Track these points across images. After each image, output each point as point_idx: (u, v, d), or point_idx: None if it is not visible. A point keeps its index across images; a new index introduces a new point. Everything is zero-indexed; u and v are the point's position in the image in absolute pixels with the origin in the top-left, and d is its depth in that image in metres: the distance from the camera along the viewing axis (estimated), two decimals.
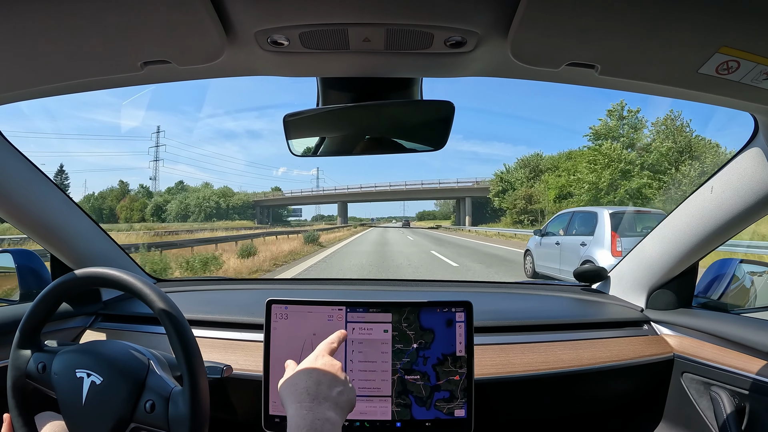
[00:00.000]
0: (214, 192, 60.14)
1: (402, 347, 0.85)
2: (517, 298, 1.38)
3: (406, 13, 0.52)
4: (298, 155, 0.84)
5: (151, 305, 0.68)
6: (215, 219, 52.79)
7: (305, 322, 0.86)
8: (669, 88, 0.63)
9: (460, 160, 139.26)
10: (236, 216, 56.64)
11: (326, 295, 1.26)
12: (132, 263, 1.36)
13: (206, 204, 57.43)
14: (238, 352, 1.00)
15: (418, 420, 0.84)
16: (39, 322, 0.76)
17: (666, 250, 1.08)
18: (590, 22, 0.50)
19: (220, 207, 57.64)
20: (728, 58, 0.53)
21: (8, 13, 0.48)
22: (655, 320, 1.13)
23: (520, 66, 0.60)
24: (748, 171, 0.83)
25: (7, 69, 0.61)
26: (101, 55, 0.58)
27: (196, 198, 58.21)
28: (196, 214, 56.10)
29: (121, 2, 0.48)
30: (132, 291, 0.69)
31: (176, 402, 0.65)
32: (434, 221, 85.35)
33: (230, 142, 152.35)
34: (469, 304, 0.86)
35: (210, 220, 51.97)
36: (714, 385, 0.96)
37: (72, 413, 0.69)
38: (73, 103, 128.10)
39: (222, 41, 0.55)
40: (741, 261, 1.17)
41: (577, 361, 0.99)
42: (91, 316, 1.18)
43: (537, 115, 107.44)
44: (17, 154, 0.93)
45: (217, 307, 1.18)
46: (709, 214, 0.94)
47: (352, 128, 0.82)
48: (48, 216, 1.04)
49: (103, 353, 0.72)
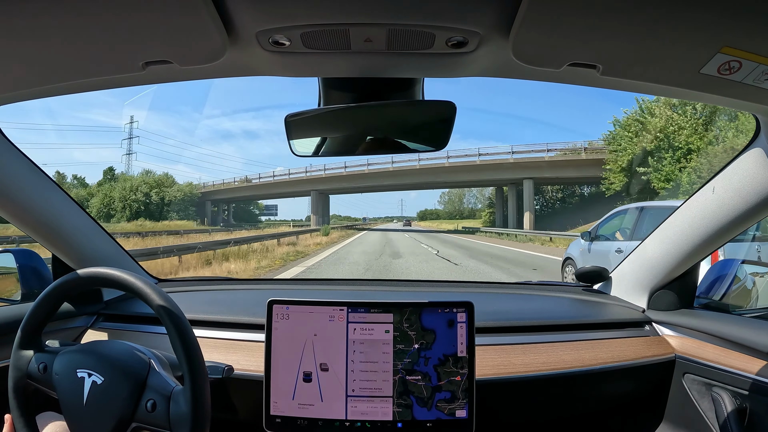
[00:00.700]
0: (146, 181, 42.43)
1: (403, 348, 0.85)
2: (518, 298, 1.38)
3: (407, 13, 0.52)
4: (299, 155, 0.84)
5: (152, 305, 0.68)
6: (144, 218, 37.11)
7: (306, 323, 0.86)
8: (671, 89, 0.63)
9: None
10: (174, 215, 40.02)
11: (327, 296, 1.26)
12: (133, 263, 1.36)
13: (133, 197, 40.58)
14: (239, 352, 1.00)
15: (420, 420, 0.84)
16: (40, 322, 0.76)
17: (668, 250, 1.07)
18: (592, 23, 0.50)
19: (151, 202, 40.55)
20: (730, 58, 0.53)
21: (10, 14, 0.48)
22: (657, 321, 1.13)
23: (522, 66, 0.60)
24: (750, 171, 0.83)
25: (10, 69, 0.61)
26: (103, 56, 0.58)
27: (122, 190, 41.69)
28: (120, 212, 40.35)
29: (123, 2, 0.48)
30: (133, 291, 0.69)
31: (177, 401, 0.65)
32: (438, 221, 76.46)
33: (227, 141, 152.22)
34: (470, 304, 0.86)
35: (136, 218, 36.73)
36: (716, 386, 0.96)
37: (73, 413, 0.69)
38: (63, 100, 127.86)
39: (223, 41, 0.55)
40: (743, 262, 1.17)
41: (579, 362, 0.99)
42: (93, 316, 1.18)
43: (535, 114, 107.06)
44: (19, 154, 0.93)
45: (218, 307, 1.18)
46: (711, 215, 0.94)
47: (353, 128, 0.82)
48: (49, 216, 1.04)
49: (105, 353, 0.72)
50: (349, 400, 0.84)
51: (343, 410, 0.84)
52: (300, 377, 0.85)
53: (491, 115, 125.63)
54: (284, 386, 0.85)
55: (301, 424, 0.84)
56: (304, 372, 0.85)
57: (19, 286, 1.15)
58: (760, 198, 0.84)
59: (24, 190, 0.96)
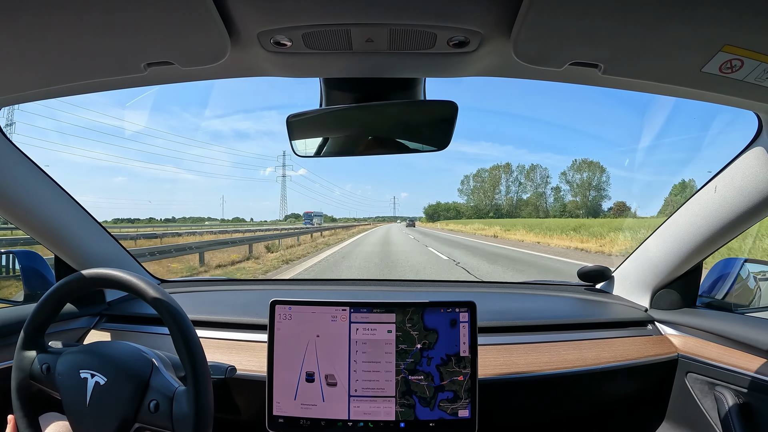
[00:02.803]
0: None
1: (406, 347, 0.85)
2: (520, 298, 1.37)
3: (408, 13, 0.52)
4: (301, 156, 0.84)
5: (154, 306, 0.68)
6: None
7: (309, 323, 0.86)
8: (672, 87, 0.63)
9: (447, 160, 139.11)
10: None
11: (330, 296, 1.26)
12: (136, 264, 1.36)
13: None
14: (242, 352, 1.00)
15: (422, 420, 0.83)
16: (43, 323, 0.76)
17: (670, 249, 1.07)
18: (593, 22, 0.50)
19: None
20: (731, 56, 0.53)
21: (12, 17, 0.49)
22: (659, 320, 1.13)
23: (523, 66, 0.60)
24: (752, 170, 0.83)
25: (12, 71, 0.61)
26: (105, 57, 0.59)
27: None
28: None
29: (125, 4, 0.48)
30: (135, 292, 0.69)
31: (180, 402, 0.65)
32: (458, 222, 45.00)
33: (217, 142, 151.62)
34: (472, 304, 0.86)
35: None
36: (718, 385, 0.96)
37: (76, 414, 0.69)
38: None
39: (225, 42, 0.55)
40: (745, 260, 1.17)
41: (582, 361, 0.99)
42: (96, 316, 1.18)
43: (526, 112, 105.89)
44: (21, 156, 0.94)
45: (220, 307, 1.18)
46: (713, 214, 0.93)
47: (355, 128, 0.82)
48: (52, 218, 1.05)
49: (107, 354, 0.72)
50: (351, 400, 0.84)
51: (346, 410, 0.84)
52: (302, 377, 0.85)
53: (479, 112, 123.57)
54: (287, 386, 0.85)
55: (304, 425, 0.84)
56: (307, 372, 0.85)
57: (21, 288, 1.15)
58: (763, 196, 0.83)
59: (26, 191, 0.97)
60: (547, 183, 57.20)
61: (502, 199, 59.45)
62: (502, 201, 59.34)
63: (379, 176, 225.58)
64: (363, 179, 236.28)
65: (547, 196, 55.82)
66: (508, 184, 61.07)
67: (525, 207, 56.83)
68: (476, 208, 61.13)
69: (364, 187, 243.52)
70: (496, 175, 60.13)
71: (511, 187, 60.67)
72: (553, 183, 58.82)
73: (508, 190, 60.37)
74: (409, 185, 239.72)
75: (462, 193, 65.69)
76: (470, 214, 59.93)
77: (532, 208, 53.85)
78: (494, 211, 58.42)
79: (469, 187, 64.31)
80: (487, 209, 58.61)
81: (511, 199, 58.98)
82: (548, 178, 57.83)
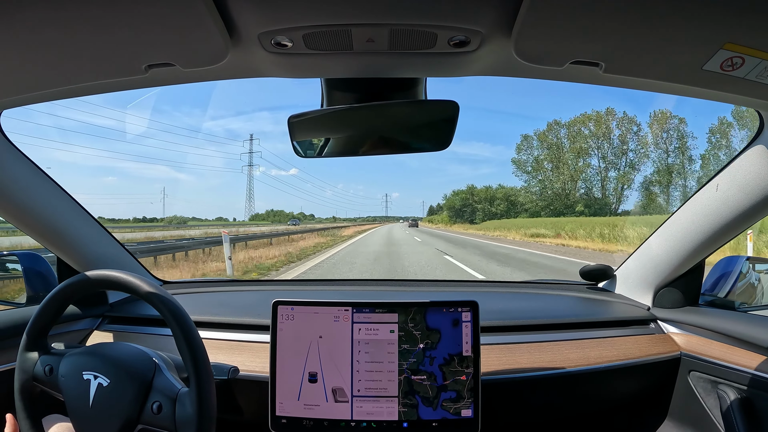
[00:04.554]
0: None
1: (408, 347, 0.85)
2: (523, 297, 1.37)
3: (409, 13, 0.52)
4: (303, 156, 0.84)
5: (157, 307, 0.68)
6: None
7: (311, 323, 0.86)
8: (673, 85, 0.63)
9: (440, 160, 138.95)
10: None
11: (332, 296, 1.26)
12: (138, 266, 1.36)
13: None
14: (244, 353, 1.00)
15: (425, 420, 0.83)
16: (46, 324, 0.76)
17: (672, 248, 1.07)
18: (594, 20, 0.50)
19: None
20: (733, 54, 0.53)
21: (13, 19, 0.49)
22: (662, 319, 1.13)
23: (524, 65, 0.60)
24: (755, 167, 0.83)
25: (13, 74, 0.61)
26: (106, 59, 0.59)
27: None
28: None
29: (126, 6, 0.48)
30: (138, 293, 0.69)
31: (183, 403, 0.65)
32: (535, 225, 23.76)
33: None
34: (475, 303, 0.86)
35: None
36: (721, 383, 0.95)
37: (79, 415, 0.70)
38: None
39: (226, 43, 0.55)
40: (747, 258, 1.16)
41: (584, 361, 0.99)
42: (98, 318, 1.18)
43: (522, 110, 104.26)
44: (23, 158, 0.94)
45: (223, 308, 1.18)
46: (715, 212, 0.93)
47: (356, 128, 0.82)
48: (54, 219, 1.05)
49: (110, 355, 0.72)
50: (354, 401, 0.84)
51: (349, 410, 0.84)
52: (305, 378, 0.85)
53: (472, 110, 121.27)
54: (289, 387, 0.85)
55: (307, 425, 0.84)
56: (310, 372, 0.85)
57: (24, 289, 1.15)
58: (765, 194, 0.83)
59: (28, 193, 0.97)
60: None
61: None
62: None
63: (371, 176, 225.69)
64: (354, 179, 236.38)
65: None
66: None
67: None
68: (554, 196, 32.13)
69: (355, 186, 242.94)
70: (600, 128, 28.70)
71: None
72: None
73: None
74: (400, 185, 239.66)
75: (521, 166, 34.24)
76: (539, 207, 33.49)
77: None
78: (592, 204, 28.74)
79: (532, 155, 31.81)
80: (574, 200, 29.84)
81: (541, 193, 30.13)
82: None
